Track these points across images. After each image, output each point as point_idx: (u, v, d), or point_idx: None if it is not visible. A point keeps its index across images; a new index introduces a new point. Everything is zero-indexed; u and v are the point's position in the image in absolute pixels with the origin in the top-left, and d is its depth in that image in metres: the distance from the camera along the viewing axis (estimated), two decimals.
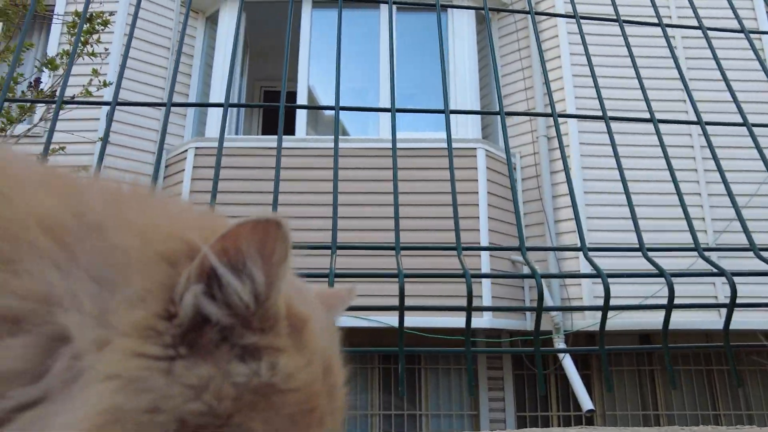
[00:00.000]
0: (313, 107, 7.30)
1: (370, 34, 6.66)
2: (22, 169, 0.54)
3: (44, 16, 5.57)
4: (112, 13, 4.33)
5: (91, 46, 3.85)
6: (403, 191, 1.23)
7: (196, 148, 6.76)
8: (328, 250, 1.11)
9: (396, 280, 1.03)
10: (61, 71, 3.94)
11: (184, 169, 6.60)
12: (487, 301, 4.79)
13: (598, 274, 1.01)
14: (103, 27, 3.98)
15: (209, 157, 6.38)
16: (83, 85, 3.60)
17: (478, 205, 5.21)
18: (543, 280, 1.05)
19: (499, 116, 1.23)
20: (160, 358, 0.40)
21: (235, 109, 7.20)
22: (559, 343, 4.82)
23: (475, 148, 5.47)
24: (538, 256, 5.22)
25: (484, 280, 4.64)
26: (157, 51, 6.86)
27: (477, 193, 5.25)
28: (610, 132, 1.25)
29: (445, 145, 1.22)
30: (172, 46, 6.82)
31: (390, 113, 1.20)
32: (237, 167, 6.27)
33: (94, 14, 4.07)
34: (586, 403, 4.58)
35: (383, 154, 5.57)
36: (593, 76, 1.33)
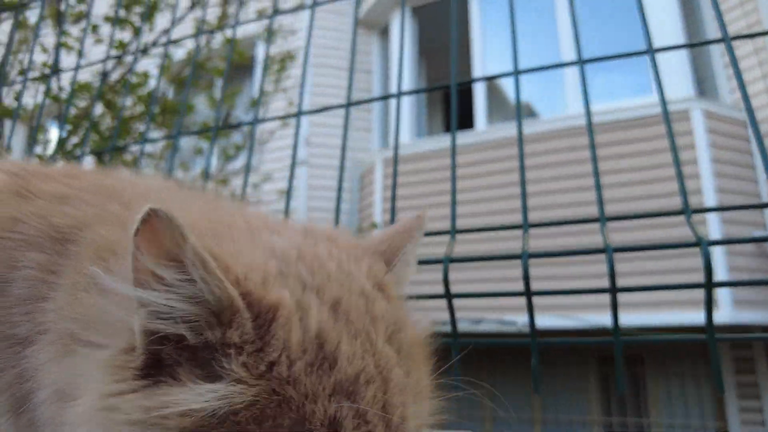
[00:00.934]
0: (489, 77, 6.97)
1: (544, 10, 6.18)
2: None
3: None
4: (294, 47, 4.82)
5: (283, 81, 4.45)
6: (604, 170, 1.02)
7: (384, 159, 7.04)
8: (519, 230, 1.00)
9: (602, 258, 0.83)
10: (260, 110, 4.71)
11: (374, 182, 6.94)
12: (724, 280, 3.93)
13: None
14: (291, 60, 4.51)
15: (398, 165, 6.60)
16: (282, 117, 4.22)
17: (699, 177, 4.37)
18: None
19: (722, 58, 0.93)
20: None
21: (416, 113, 7.36)
22: None
23: (688, 110, 4.62)
24: None
25: (720, 257, 3.80)
26: (340, 74, 7.40)
27: (696, 163, 4.41)
28: None
29: (649, 111, 0.96)
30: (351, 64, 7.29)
31: (578, 66, 1.00)
32: (424, 171, 6.37)
33: (287, 55, 4.65)
34: None
35: (576, 133, 5.03)
36: None
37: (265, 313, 0.44)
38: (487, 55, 6.59)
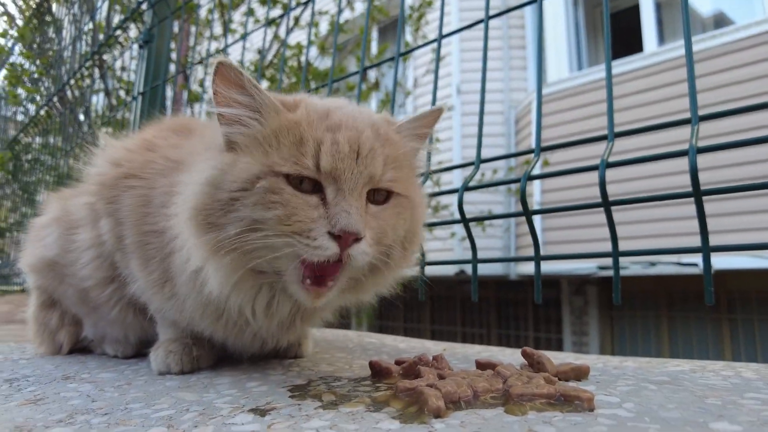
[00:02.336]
0: None
1: None
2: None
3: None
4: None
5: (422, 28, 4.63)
6: None
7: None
8: None
9: None
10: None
11: (531, 122, 6.64)
12: None
13: None
14: (429, 6, 4.58)
15: (553, 103, 6.22)
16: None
17: None
18: None
19: None
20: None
21: (574, 44, 6.77)
22: None
23: None
24: None
25: None
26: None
27: None
28: None
29: None
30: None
31: None
32: (586, 104, 5.90)
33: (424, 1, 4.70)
34: None
35: None
36: None
37: (292, 107, 0.93)
38: None
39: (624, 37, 6.66)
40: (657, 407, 0.74)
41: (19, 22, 5.76)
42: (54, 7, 5.52)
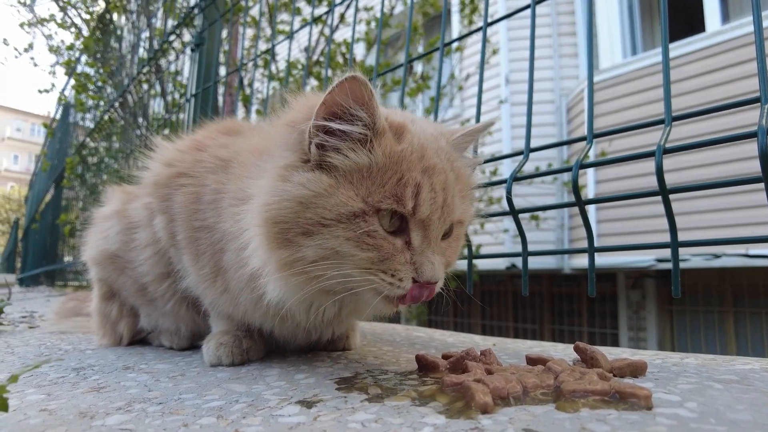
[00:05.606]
0: None
1: None
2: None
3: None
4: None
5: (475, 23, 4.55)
6: None
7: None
8: None
9: None
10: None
11: (583, 110, 6.41)
12: None
13: None
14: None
15: (606, 90, 5.98)
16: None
17: None
18: None
19: None
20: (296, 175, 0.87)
21: (628, 27, 6.47)
22: None
23: None
24: None
25: None
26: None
27: None
28: None
29: None
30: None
31: None
32: (641, 90, 5.63)
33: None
34: None
35: None
36: None
37: (398, 132, 0.90)
38: None
39: (683, 17, 6.30)
40: (724, 408, 0.69)
41: (85, 33, 6.09)
42: (115, 16, 5.80)
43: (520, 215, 1.35)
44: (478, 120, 1.59)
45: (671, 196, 1.05)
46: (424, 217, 0.86)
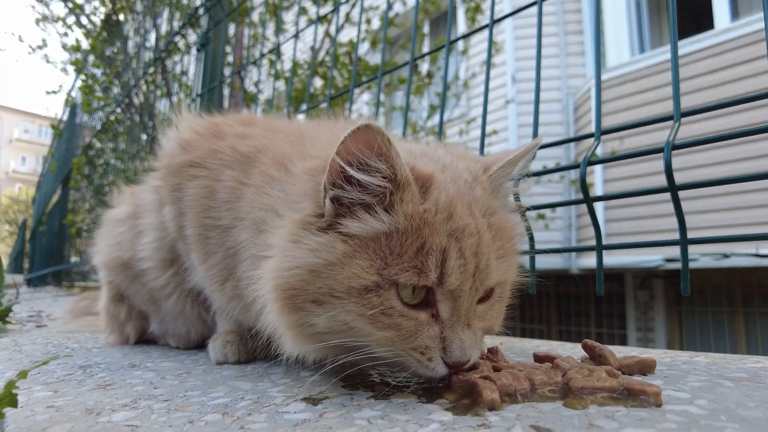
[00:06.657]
0: None
1: None
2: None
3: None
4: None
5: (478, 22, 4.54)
6: None
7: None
8: None
9: None
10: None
11: (590, 109, 6.39)
12: None
13: None
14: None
15: (613, 89, 5.95)
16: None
17: None
18: None
19: None
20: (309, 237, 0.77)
21: (635, 25, 6.43)
22: None
23: None
24: None
25: None
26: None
27: None
28: None
29: None
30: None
31: None
32: (649, 89, 5.60)
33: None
34: None
35: None
36: None
37: (425, 185, 0.77)
38: None
39: (692, 14, 6.26)
40: (735, 405, 0.68)
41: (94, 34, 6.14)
42: (121, 17, 5.84)
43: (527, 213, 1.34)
44: (484, 119, 1.58)
45: (680, 194, 1.04)
46: (452, 288, 0.75)
